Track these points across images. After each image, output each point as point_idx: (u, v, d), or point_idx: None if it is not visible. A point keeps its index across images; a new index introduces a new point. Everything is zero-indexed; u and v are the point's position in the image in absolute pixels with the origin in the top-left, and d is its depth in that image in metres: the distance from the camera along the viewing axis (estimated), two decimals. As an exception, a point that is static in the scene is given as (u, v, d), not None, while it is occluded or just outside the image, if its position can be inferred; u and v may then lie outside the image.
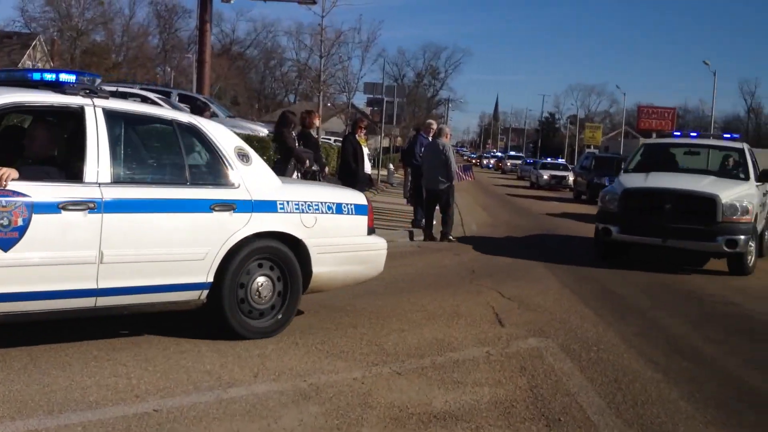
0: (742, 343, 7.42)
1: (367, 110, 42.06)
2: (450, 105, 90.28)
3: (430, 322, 7.25)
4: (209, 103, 19.84)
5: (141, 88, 21.93)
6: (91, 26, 62.19)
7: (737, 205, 11.54)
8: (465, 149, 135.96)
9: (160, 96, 20.34)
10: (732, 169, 13.43)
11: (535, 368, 5.96)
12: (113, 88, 21.68)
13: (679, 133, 16.06)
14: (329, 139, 40.70)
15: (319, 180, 13.07)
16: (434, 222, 14.57)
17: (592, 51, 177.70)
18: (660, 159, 14.07)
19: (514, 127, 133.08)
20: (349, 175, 13.82)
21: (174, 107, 18.99)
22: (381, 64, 49.68)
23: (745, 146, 13.75)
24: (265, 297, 6.18)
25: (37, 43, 62.24)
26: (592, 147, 69.44)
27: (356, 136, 14.16)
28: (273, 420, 4.49)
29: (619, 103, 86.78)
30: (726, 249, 11.37)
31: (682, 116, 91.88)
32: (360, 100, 51.18)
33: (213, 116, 19.03)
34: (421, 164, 14.75)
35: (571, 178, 39.81)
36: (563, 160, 57.97)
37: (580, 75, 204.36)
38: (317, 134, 14.12)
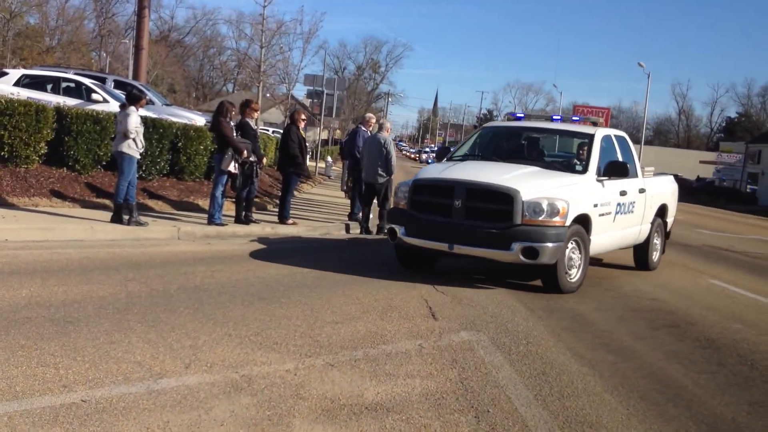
0: (666, 338, 7.66)
1: (307, 102, 41.95)
2: (390, 99, 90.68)
3: (364, 315, 7.30)
4: (146, 91, 19.50)
5: (75, 73, 21.45)
6: (25, 8, 60.51)
7: (543, 203, 9.05)
8: (404, 144, 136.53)
9: (95, 82, 19.93)
10: (576, 160, 10.90)
11: (466, 361, 6.07)
12: (48, 72, 21.17)
13: (522, 115, 13.26)
14: (268, 130, 40.47)
15: (257, 171, 13.03)
16: (371, 215, 14.64)
17: (531, 49, 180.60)
18: (496, 145, 11.60)
19: (453, 122, 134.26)
20: (293, 165, 13.80)
21: (110, 94, 18.65)
22: (322, 56, 49.75)
23: (600, 133, 10.98)
24: None
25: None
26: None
27: (299, 127, 14.14)
28: (204, 411, 4.48)
29: (556, 101, 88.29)
30: (523, 259, 8.95)
31: (615, 116, 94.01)
32: (300, 92, 51.10)
33: (149, 104, 18.74)
34: (360, 158, 14.78)
35: None
36: None
37: (518, 73, 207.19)
38: (256, 125, 14.02)
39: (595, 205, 9.98)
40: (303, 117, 14.70)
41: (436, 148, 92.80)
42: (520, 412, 5.00)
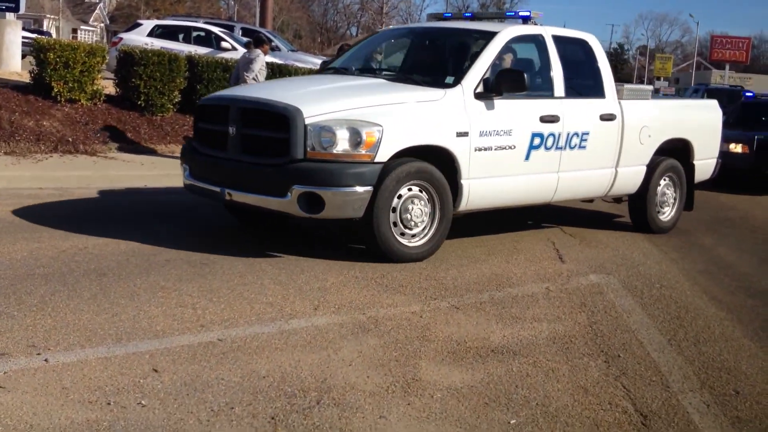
0: (812, 282, 7.23)
1: (430, 43, 41.44)
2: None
3: (490, 257, 7.25)
4: (272, 37, 19.82)
5: (205, 23, 22.04)
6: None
7: (336, 128, 6.35)
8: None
9: (223, 30, 20.43)
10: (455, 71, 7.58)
11: (595, 304, 5.93)
12: (178, 22, 21.87)
13: (450, 14, 9.87)
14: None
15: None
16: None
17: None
18: (370, 54, 9.11)
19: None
20: None
21: (237, 41, 19.07)
22: (444, -6, 48.79)
23: (509, 32, 7.68)
24: None
25: (102, -22, 62.78)
26: (662, 79, 67.42)
27: None
28: (333, 351, 4.58)
29: (692, 32, 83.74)
30: (301, 211, 6.38)
31: (757, 46, 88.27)
32: (423, 33, 50.42)
33: (275, 50, 19.06)
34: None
35: None
36: (671, 94, 42.31)
37: (651, 2, 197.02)
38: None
39: (464, 134, 6.88)
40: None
41: None
42: (653, 357, 4.85)
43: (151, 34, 19.41)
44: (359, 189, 6.35)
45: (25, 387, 3.81)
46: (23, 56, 17.73)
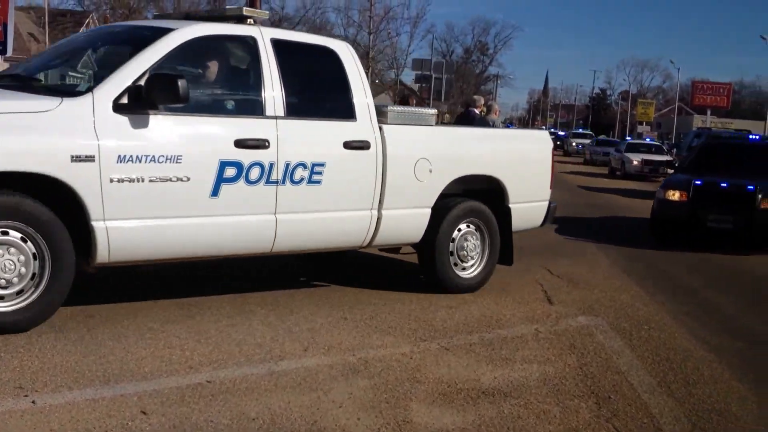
0: (798, 324, 7.28)
1: (416, 87, 41.93)
2: (499, 81, 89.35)
3: (478, 299, 7.25)
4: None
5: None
6: (143, 3, 62.93)
7: None
8: (514, 126, 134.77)
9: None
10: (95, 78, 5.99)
11: (584, 346, 5.93)
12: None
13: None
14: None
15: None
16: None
17: (645, 24, 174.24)
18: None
19: (564, 103, 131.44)
20: None
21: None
22: (429, 40, 49.58)
23: (186, 32, 5.88)
24: None
25: (90, 20, 63.24)
26: (644, 124, 68.29)
27: None
28: (323, 393, 4.55)
29: (673, 78, 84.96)
30: None
31: (737, 92, 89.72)
32: (408, 77, 51.10)
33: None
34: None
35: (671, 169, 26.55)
36: (654, 139, 45.51)
37: (632, 49, 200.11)
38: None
39: (87, 158, 5.17)
40: (411, 102, 14.72)
41: (561, 132, 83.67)
42: (644, 399, 4.85)
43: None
44: None
45: (12, 429, 3.76)
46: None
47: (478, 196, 7.50)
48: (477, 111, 15.11)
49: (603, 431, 4.33)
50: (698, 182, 11.93)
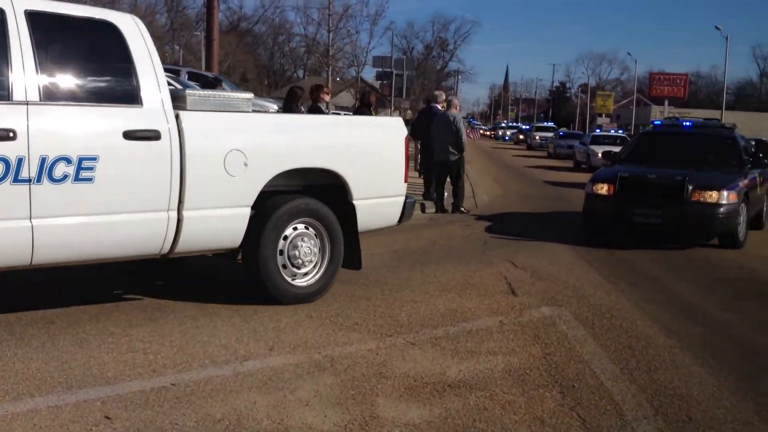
0: (755, 308, 7.42)
1: (377, 84, 41.97)
2: (460, 77, 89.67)
3: (443, 293, 7.28)
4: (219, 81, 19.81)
5: (150, 67, 21.92)
6: (98, 5, 62.10)
7: None
8: (476, 121, 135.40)
9: (169, 75, 20.35)
10: None
11: (548, 336, 5.99)
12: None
13: None
14: (339, 114, 40.69)
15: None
16: (445, 194, 14.58)
17: (603, 18, 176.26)
18: None
19: (525, 97, 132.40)
20: None
21: (184, 85, 19.01)
22: (389, 37, 49.55)
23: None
24: None
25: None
26: (603, 116, 69.09)
27: (371, 109, 14.22)
28: (289, 391, 4.54)
29: (631, 70, 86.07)
30: None
31: (694, 82, 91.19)
32: (369, 74, 51.11)
33: (222, 93, 19.05)
34: (431, 137, 14.70)
35: None
36: (619, 130, 44.03)
37: (591, 43, 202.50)
38: (327, 109, 14.12)
39: None
40: (371, 98, 14.73)
41: (524, 126, 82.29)
42: (607, 386, 4.91)
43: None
44: None
45: (-29, 439, 3.70)
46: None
47: (319, 192, 6.67)
48: (439, 107, 15.18)
49: (567, 419, 4.38)
50: (624, 174, 11.24)
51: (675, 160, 11.90)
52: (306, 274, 6.58)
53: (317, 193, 6.66)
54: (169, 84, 13.75)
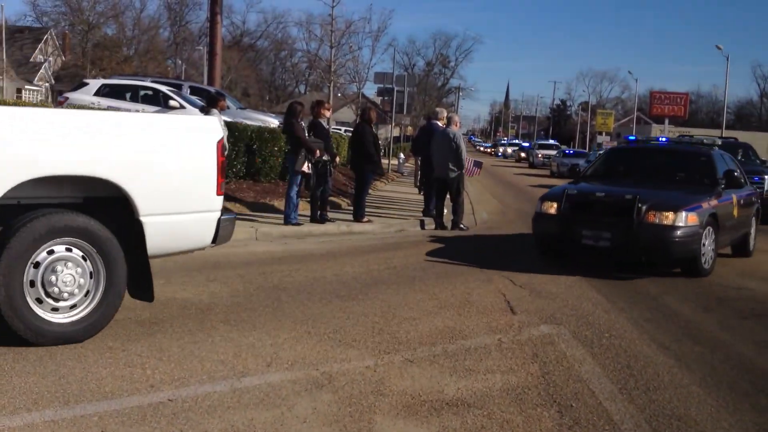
0: (755, 327, 7.41)
1: (378, 100, 42.08)
2: (460, 93, 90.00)
3: (442, 310, 7.27)
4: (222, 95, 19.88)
5: (153, 81, 22.03)
6: (102, 20, 62.42)
7: None
8: (476, 138, 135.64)
9: (171, 89, 20.43)
10: None
11: (547, 355, 5.98)
12: (126, 81, 21.82)
13: None
14: (339, 129, 40.77)
15: (330, 170, 13.14)
16: (445, 211, 14.59)
17: (604, 36, 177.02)
18: None
19: (525, 114, 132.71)
20: (369, 163, 13.90)
21: (186, 100, 19.07)
22: (391, 53, 49.80)
23: None
24: None
25: (49, 37, 62.50)
26: (604, 134, 69.21)
27: (372, 125, 14.29)
28: (287, 408, 4.53)
29: (631, 89, 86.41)
30: None
31: (695, 101, 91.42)
32: (370, 90, 51.28)
33: (223, 109, 19.10)
34: (431, 154, 14.73)
35: None
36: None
37: (591, 61, 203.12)
38: (328, 124, 14.16)
39: None
40: (371, 115, 14.77)
41: (525, 143, 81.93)
42: (605, 406, 4.90)
43: (98, 93, 19.29)
44: None
45: (-33, 454, 3.69)
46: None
47: (106, 207, 5.65)
48: (440, 123, 15.23)
49: (565, 439, 4.36)
50: (572, 191, 10.39)
51: (640, 178, 11.13)
52: (74, 306, 5.44)
53: (105, 207, 5.62)
54: (172, 98, 13.69)
